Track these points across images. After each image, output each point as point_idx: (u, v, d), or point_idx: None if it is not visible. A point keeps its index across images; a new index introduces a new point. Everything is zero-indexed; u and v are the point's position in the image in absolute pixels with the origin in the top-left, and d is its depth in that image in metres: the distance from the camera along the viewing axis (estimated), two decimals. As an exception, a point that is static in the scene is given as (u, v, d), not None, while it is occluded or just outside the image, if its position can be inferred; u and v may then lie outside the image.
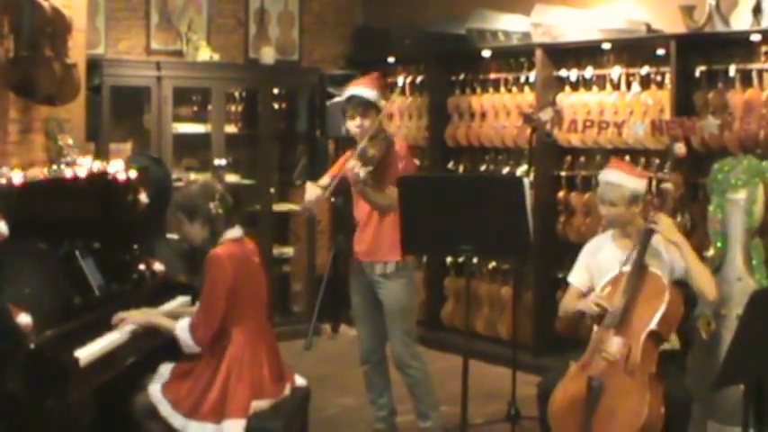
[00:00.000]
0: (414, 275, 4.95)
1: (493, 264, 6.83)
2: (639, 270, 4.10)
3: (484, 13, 6.80)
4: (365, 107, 4.73)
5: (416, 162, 5.74)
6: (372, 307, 4.91)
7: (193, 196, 3.99)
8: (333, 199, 4.80)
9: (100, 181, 4.58)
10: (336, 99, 7.07)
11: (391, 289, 4.79)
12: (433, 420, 4.90)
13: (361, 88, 4.79)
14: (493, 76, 6.86)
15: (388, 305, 4.82)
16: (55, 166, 4.45)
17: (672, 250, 4.19)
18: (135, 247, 4.64)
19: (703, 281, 4.15)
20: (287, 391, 4.01)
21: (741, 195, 4.71)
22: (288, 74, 7.65)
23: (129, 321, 4.02)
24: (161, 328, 4.03)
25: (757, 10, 5.36)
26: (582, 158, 6.35)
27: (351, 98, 4.79)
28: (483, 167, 6.92)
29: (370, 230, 4.82)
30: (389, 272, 4.77)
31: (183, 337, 3.87)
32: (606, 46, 6.10)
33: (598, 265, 4.34)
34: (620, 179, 4.25)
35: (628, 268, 4.14)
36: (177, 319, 3.98)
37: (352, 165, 4.55)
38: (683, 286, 4.20)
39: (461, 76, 7.03)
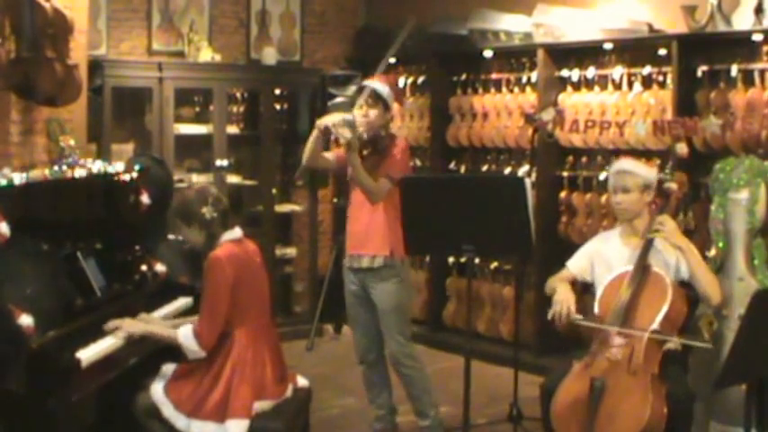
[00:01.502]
0: (407, 274, 4.91)
1: (495, 264, 6.82)
2: (642, 270, 4.10)
3: (485, 13, 6.80)
4: (375, 99, 4.78)
5: (411, 164, 5.75)
6: (364, 307, 4.89)
7: (188, 202, 4.01)
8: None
9: (101, 182, 4.59)
10: (338, 99, 7.07)
11: (383, 290, 4.78)
12: (431, 419, 4.90)
13: (376, 82, 4.87)
14: (494, 76, 6.85)
15: (381, 306, 4.81)
16: (56, 168, 4.46)
17: (676, 252, 4.19)
18: (137, 248, 4.64)
19: (708, 285, 4.16)
20: (289, 391, 4.01)
21: (743, 195, 4.70)
22: (289, 74, 7.65)
23: (124, 330, 3.97)
24: (159, 337, 4.00)
25: (759, 10, 5.36)
26: (584, 159, 6.34)
27: (363, 87, 4.89)
28: (485, 168, 6.92)
29: (362, 222, 4.80)
30: (377, 266, 4.75)
31: (187, 345, 3.84)
32: (608, 46, 6.09)
33: (601, 258, 4.35)
34: (633, 167, 4.36)
35: (631, 267, 4.14)
36: (175, 327, 3.95)
37: (341, 130, 4.59)
38: (686, 286, 4.19)
39: (463, 77, 7.02)
